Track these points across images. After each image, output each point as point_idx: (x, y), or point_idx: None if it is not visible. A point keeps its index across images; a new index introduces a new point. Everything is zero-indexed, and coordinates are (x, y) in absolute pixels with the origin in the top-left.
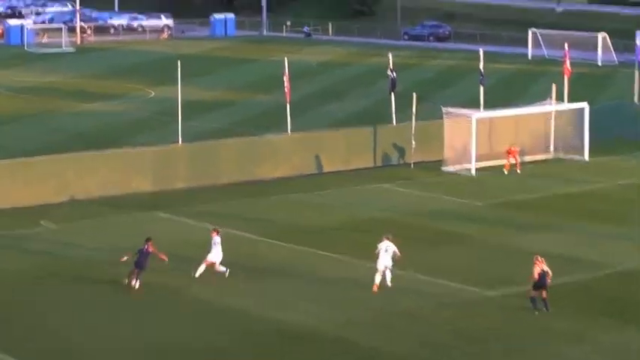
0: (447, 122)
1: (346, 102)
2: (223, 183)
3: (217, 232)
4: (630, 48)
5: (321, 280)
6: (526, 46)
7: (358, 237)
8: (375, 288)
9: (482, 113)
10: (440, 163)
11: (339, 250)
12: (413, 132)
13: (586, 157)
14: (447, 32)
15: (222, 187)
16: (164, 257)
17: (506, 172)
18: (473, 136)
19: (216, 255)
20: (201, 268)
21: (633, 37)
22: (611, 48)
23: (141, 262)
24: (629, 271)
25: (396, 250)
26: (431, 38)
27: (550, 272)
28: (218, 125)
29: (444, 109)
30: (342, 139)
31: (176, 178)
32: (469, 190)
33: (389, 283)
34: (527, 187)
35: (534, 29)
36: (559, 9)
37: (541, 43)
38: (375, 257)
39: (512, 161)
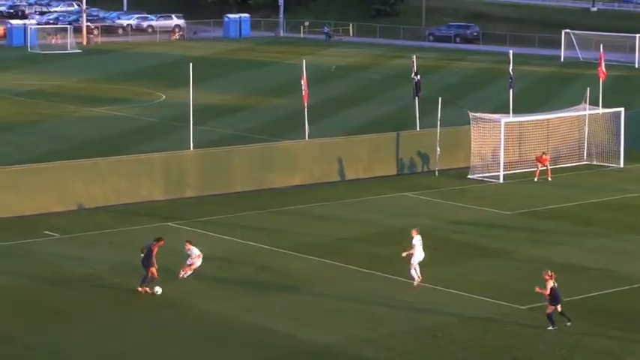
0: (474, 128)
1: (367, 107)
2: (237, 191)
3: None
4: None
5: (339, 295)
6: (559, 47)
7: (380, 249)
8: (418, 282)
9: (511, 118)
10: (466, 170)
11: (359, 262)
12: (438, 138)
13: (621, 164)
14: (475, 33)
15: (236, 196)
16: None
17: (536, 180)
18: (501, 143)
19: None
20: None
21: None
22: None
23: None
24: None
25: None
26: (457, 39)
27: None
28: (232, 131)
29: (471, 115)
30: (363, 145)
31: (187, 186)
32: (497, 199)
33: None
34: (558, 195)
35: (568, 30)
36: (594, 8)
37: (575, 44)
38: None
39: (543, 169)
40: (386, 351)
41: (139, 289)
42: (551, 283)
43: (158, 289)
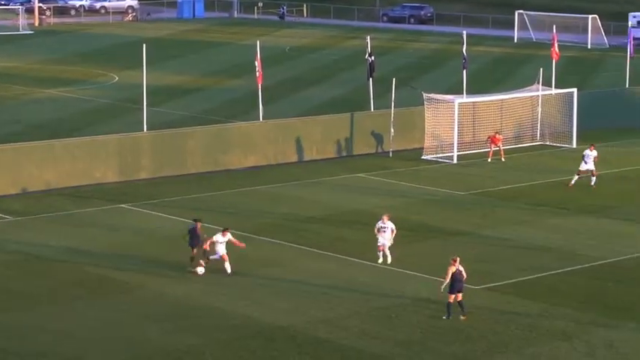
0: (428, 109)
1: (322, 88)
2: (191, 173)
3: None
4: (622, 30)
5: (296, 276)
6: (512, 28)
7: (334, 230)
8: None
9: (464, 99)
10: (420, 151)
11: (314, 244)
12: (392, 119)
13: (574, 144)
14: (429, 14)
15: (191, 178)
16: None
17: (489, 161)
18: (455, 123)
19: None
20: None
21: (625, 19)
22: (602, 30)
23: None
24: (614, 264)
25: (393, 228)
26: (412, 20)
27: (464, 274)
28: (186, 112)
29: (425, 95)
30: (317, 126)
31: (142, 168)
32: (451, 179)
33: (389, 261)
34: (512, 176)
35: (521, 11)
36: None
37: (528, 25)
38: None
39: (496, 149)
40: (342, 331)
41: (201, 264)
42: (453, 269)
43: (201, 269)
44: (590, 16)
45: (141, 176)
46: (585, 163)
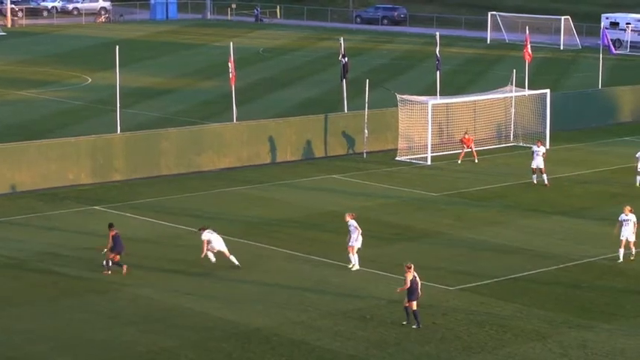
0: (401, 110)
1: (296, 89)
2: (165, 174)
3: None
4: (595, 31)
5: (271, 278)
6: (485, 29)
7: (308, 232)
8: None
9: (438, 100)
10: (394, 152)
11: (289, 245)
12: (366, 120)
13: (547, 145)
14: (402, 15)
15: (164, 179)
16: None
17: (459, 162)
18: (429, 125)
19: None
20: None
21: (598, 21)
22: (574, 32)
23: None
24: (588, 264)
25: (356, 226)
26: (385, 21)
27: (419, 282)
28: (159, 114)
29: (398, 97)
30: (291, 128)
31: (115, 169)
32: (424, 180)
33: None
34: (485, 177)
35: (494, 12)
36: None
37: (501, 26)
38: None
39: (468, 150)
40: (316, 332)
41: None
42: (410, 276)
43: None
44: (562, 18)
45: (114, 178)
46: (534, 159)
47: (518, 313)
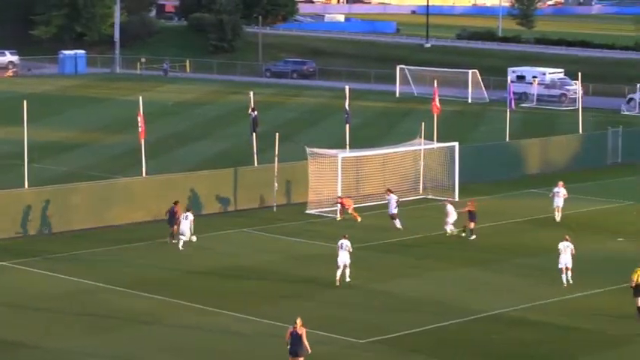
0: (311, 163)
1: (206, 143)
2: (76, 229)
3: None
4: (502, 85)
5: (177, 332)
6: (394, 83)
7: (218, 286)
8: (337, 283)
9: (347, 153)
10: (304, 205)
11: (198, 299)
12: (276, 174)
13: (456, 197)
14: (312, 69)
15: (75, 234)
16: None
17: (338, 219)
18: (339, 178)
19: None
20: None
21: (505, 74)
22: (482, 85)
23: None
24: (497, 316)
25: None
26: (294, 75)
27: (305, 338)
28: (68, 168)
29: (308, 150)
30: (201, 181)
31: (23, 224)
32: (334, 233)
33: (347, 279)
34: (395, 229)
35: (402, 66)
36: (427, 44)
37: (409, 79)
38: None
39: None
40: None
41: (172, 240)
42: (290, 329)
43: (194, 238)
44: (470, 71)
45: (23, 233)
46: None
47: None
